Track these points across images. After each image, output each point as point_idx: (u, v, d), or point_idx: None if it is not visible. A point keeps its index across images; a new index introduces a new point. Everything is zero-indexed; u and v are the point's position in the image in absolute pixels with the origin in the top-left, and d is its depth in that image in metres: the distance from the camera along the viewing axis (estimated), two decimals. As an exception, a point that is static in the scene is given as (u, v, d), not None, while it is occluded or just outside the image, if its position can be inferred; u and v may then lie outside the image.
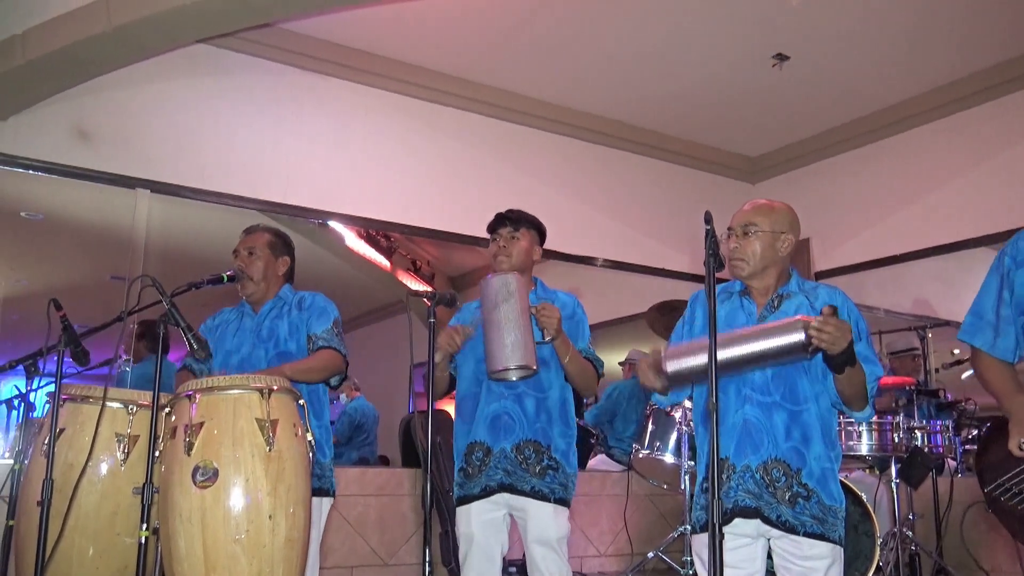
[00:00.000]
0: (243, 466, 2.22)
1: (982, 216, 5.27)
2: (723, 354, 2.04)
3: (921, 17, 4.75)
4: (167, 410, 2.37)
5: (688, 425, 4.32)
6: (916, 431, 4.22)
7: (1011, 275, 2.15)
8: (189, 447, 2.23)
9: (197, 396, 2.30)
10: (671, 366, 2.17)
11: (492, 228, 2.97)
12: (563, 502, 2.77)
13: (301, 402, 2.45)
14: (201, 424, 2.26)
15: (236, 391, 2.32)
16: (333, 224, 5.91)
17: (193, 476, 2.20)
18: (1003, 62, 5.16)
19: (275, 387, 2.35)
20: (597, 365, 2.90)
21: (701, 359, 2.03)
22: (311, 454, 2.41)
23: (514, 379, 2.71)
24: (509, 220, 2.94)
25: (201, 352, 2.51)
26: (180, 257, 6.25)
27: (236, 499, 2.20)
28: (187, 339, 2.48)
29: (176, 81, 4.77)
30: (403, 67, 5.34)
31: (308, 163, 5.07)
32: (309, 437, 2.42)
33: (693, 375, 2.17)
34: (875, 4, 4.63)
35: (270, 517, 2.21)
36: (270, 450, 2.26)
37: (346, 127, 5.23)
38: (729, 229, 2.42)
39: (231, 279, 2.92)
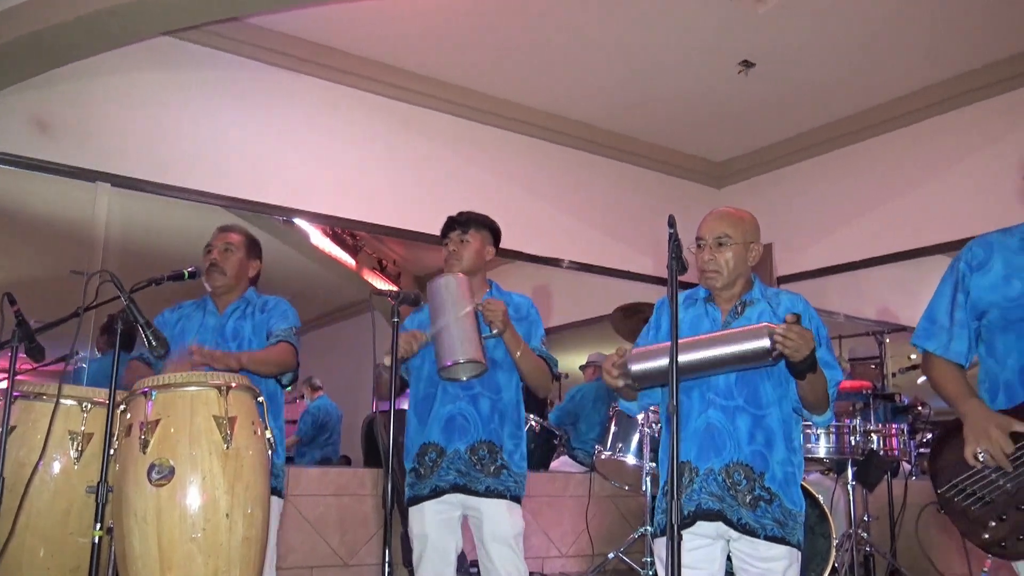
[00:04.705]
0: (200, 464, 2.20)
1: (940, 224, 5.37)
2: (688, 357, 2.07)
3: (883, 28, 4.83)
4: (122, 407, 2.34)
5: (651, 427, 4.35)
6: (872, 434, 4.29)
7: (966, 280, 2.18)
8: (144, 445, 2.20)
9: (153, 393, 2.27)
10: (635, 366, 2.19)
11: (443, 232, 2.99)
12: (517, 499, 2.80)
13: (260, 399, 2.43)
14: (157, 421, 2.23)
15: (193, 388, 2.29)
16: (298, 221, 5.86)
17: (148, 474, 2.17)
18: (963, 74, 5.27)
19: (233, 384, 2.33)
20: (551, 363, 2.93)
21: (665, 361, 2.05)
22: (270, 452, 2.39)
23: (464, 377, 2.72)
24: (458, 223, 2.96)
25: (160, 349, 2.48)
26: (141, 253, 6.16)
27: (193, 497, 2.17)
28: (145, 336, 2.45)
29: (140, 73, 4.69)
30: (372, 65, 5.31)
31: (274, 160, 5.02)
32: (268, 435, 2.40)
33: (657, 377, 2.18)
34: (839, 14, 4.70)
35: (227, 516, 2.19)
36: (228, 448, 2.23)
37: (313, 124, 5.19)
38: (699, 239, 2.43)
39: (192, 275, 2.91)
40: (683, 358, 2.01)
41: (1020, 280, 2.09)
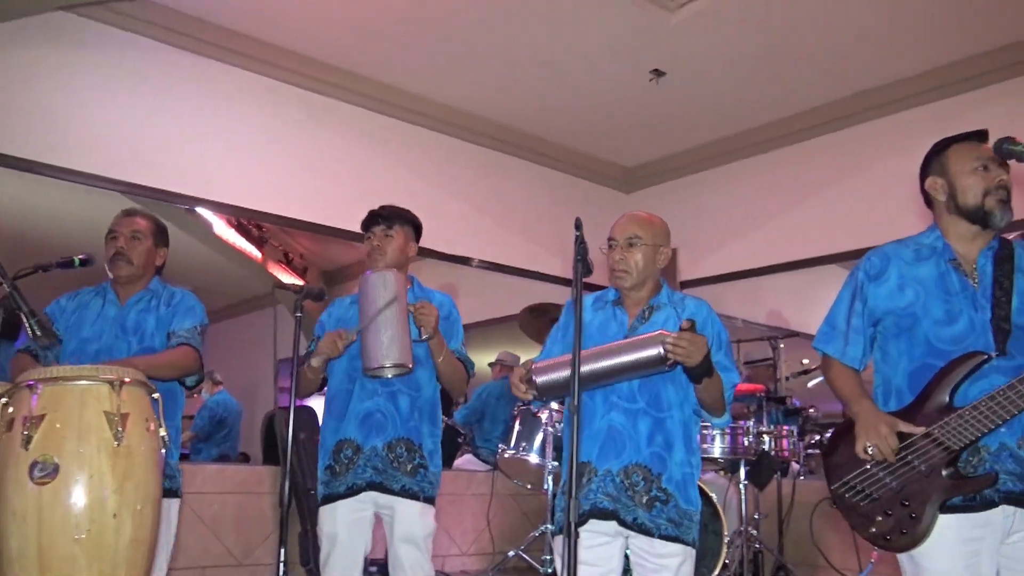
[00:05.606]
0: (87, 462, 2.10)
1: (835, 235, 5.62)
2: (588, 367, 2.13)
3: (787, 43, 5.02)
4: (4, 400, 2.22)
5: (554, 426, 4.41)
6: (765, 435, 4.46)
7: (864, 289, 2.30)
8: (27, 440, 2.08)
9: (39, 386, 2.15)
10: (540, 379, 2.27)
11: (366, 226, 2.94)
12: (431, 500, 2.79)
13: (155, 395, 2.34)
14: (43, 416, 2.12)
15: (84, 382, 2.18)
16: (201, 210, 5.68)
17: (30, 472, 2.06)
18: (861, 91, 5.52)
19: (127, 379, 2.23)
20: (468, 366, 2.94)
21: (568, 373, 2.11)
22: (164, 450, 2.31)
23: (390, 376, 2.71)
24: (382, 218, 2.93)
25: (44, 339, 2.36)
26: (33, 238, 5.89)
27: (78, 496, 2.07)
28: (29, 325, 2.32)
29: (35, 49, 4.46)
30: (283, 53, 5.19)
31: (176, 145, 4.84)
32: (162, 432, 2.32)
33: (561, 388, 2.27)
34: (747, 28, 4.86)
35: (115, 516, 2.10)
36: (119, 445, 2.14)
37: (218, 110, 5.03)
38: (611, 240, 2.51)
39: (84, 263, 2.78)
40: (583, 368, 2.08)
41: (912, 290, 2.22)
